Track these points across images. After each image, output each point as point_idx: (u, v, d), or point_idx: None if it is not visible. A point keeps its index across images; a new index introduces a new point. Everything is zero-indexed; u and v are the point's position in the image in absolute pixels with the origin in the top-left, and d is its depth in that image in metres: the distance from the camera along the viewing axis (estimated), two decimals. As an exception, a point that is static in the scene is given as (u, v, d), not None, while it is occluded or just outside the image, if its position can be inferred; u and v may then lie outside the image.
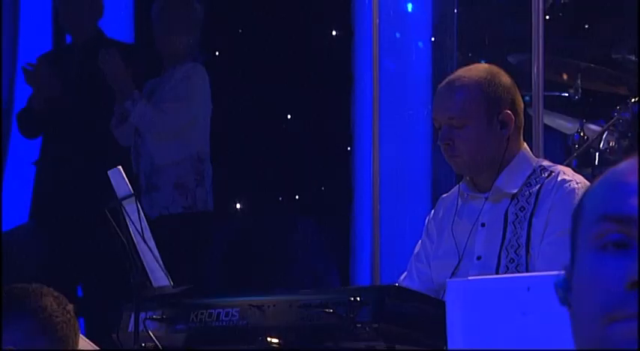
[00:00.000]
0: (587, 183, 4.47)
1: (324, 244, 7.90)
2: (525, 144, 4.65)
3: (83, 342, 4.76)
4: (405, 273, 4.72)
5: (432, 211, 4.84)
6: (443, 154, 4.63)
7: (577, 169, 4.92)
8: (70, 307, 3.84)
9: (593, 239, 1.71)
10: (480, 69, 4.67)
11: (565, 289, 1.79)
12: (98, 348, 4.84)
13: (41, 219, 7.81)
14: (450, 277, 4.26)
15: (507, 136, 4.53)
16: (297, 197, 8.17)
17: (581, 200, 1.78)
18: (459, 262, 4.54)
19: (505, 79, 4.60)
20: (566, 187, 4.43)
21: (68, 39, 8.11)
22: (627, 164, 1.74)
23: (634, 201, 1.69)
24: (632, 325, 1.66)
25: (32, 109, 7.76)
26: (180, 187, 7.18)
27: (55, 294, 3.82)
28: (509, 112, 4.52)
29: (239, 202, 7.95)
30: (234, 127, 7.56)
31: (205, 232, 7.29)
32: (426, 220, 4.79)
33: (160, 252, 4.50)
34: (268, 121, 8.04)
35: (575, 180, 4.47)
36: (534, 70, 5.69)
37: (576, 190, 4.39)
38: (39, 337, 3.74)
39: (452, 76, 4.70)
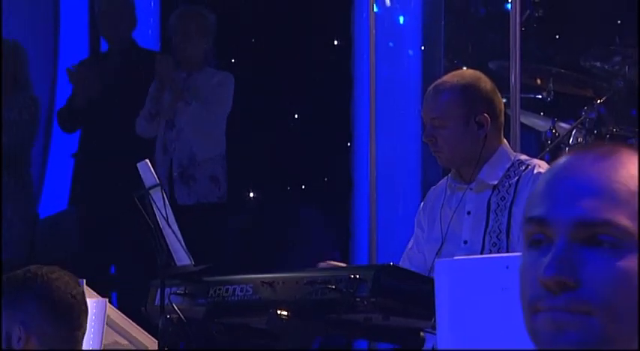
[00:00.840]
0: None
1: (327, 227, 7.92)
2: (505, 140, 4.64)
3: (114, 313, 4.73)
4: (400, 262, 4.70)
5: (422, 203, 4.82)
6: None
7: (550, 163, 4.86)
8: (79, 288, 3.79)
9: (525, 238, 1.71)
10: (463, 75, 4.67)
11: None
12: (128, 319, 4.82)
13: (79, 206, 7.79)
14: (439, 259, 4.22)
15: (484, 135, 4.51)
16: (302, 187, 8.17)
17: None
18: (446, 245, 4.53)
19: (485, 84, 4.58)
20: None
21: (103, 46, 8.07)
22: (562, 161, 1.73)
23: (549, 204, 1.67)
24: (547, 317, 1.65)
25: (72, 108, 7.75)
26: (215, 180, 7.16)
27: (66, 277, 3.76)
28: (485, 114, 4.51)
29: (252, 192, 7.93)
30: (248, 126, 7.53)
31: (223, 219, 7.25)
32: (417, 213, 4.78)
33: (197, 235, 4.50)
34: (277, 120, 8.05)
35: None
36: (512, 75, 5.69)
37: None
38: (44, 317, 3.69)
39: (438, 81, 4.69)
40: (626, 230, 1.63)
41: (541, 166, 4.50)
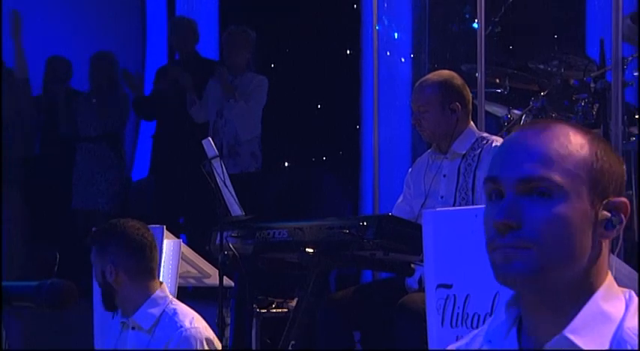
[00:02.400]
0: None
1: (341, 188, 7.90)
2: (472, 122, 4.63)
3: (186, 249, 4.75)
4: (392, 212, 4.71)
5: (410, 168, 4.80)
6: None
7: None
8: (149, 232, 3.78)
9: (485, 193, 1.69)
10: (441, 74, 4.64)
11: None
12: (197, 254, 4.84)
13: (156, 173, 7.81)
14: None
15: (456, 119, 4.50)
16: (324, 158, 8.17)
17: None
18: (428, 199, 4.52)
19: (457, 81, 4.58)
20: None
21: (176, 56, 8.08)
22: (510, 136, 1.71)
23: (501, 167, 1.66)
24: (500, 253, 1.62)
25: (151, 101, 7.76)
26: (253, 155, 7.15)
27: (137, 225, 3.77)
28: (457, 103, 4.50)
29: (287, 162, 7.93)
30: (281, 114, 7.53)
31: (260, 183, 7.26)
32: (406, 176, 4.75)
33: (238, 194, 4.51)
34: (304, 110, 8.04)
35: None
36: (478, 75, 5.67)
37: None
38: (126, 255, 3.70)
39: (422, 79, 4.69)
40: (557, 184, 1.62)
41: (498, 141, 4.49)
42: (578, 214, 1.62)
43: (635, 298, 1.65)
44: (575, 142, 1.65)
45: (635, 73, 6.19)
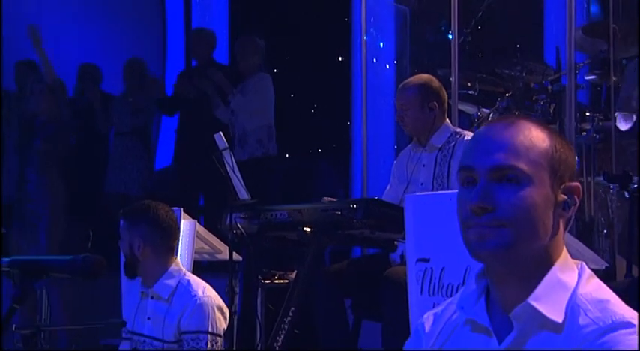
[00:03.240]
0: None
1: (335, 175, 7.90)
2: (447, 119, 4.60)
3: (201, 229, 4.73)
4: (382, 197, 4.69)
5: (395, 160, 4.77)
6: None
7: (476, 134, 4.84)
8: (174, 215, 3.80)
9: (460, 180, 1.69)
10: (421, 77, 4.61)
11: None
12: (210, 233, 4.82)
13: (179, 162, 7.80)
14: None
15: (434, 116, 4.47)
16: (319, 150, 8.16)
17: None
18: (410, 186, 4.51)
19: (435, 83, 4.55)
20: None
21: (194, 62, 8.05)
22: (480, 130, 1.72)
23: (474, 157, 1.67)
24: (475, 231, 1.63)
25: (173, 100, 7.73)
26: (260, 142, 7.10)
27: (166, 208, 3.77)
28: (435, 102, 4.47)
29: (287, 153, 7.91)
30: (286, 111, 7.50)
31: (270, 167, 7.24)
32: (392, 167, 4.73)
33: (245, 178, 4.49)
34: (304, 108, 8.03)
35: None
36: (452, 78, 5.65)
37: None
38: (154, 232, 3.69)
39: (405, 81, 4.66)
40: (523, 172, 1.63)
41: (469, 135, 4.46)
42: (542, 197, 1.63)
43: (587, 269, 1.67)
44: (537, 136, 1.66)
45: (586, 77, 6.19)
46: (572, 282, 1.64)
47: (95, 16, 8.71)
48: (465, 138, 4.44)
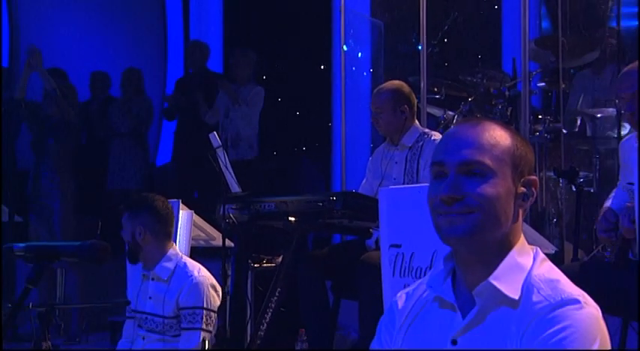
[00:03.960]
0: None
1: (317, 171, 7.88)
2: (417, 121, 4.58)
3: (197, 218, 4.70)
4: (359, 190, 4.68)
5: (370, 158, 4.75)
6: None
7: (442, 134, 4.82)
8: (170, 205, 3.78)
9: (431, 174, 1.70)
10: (393, 83, 4.59)
11: None
12: (205, 222, 4.79)
13: (177, 159, 7.76)
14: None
15: (405, 118, 4.44)
16: (303, 148, 8.14)
17: None
18: (384, 180, 4.48)
19: (406, 89, 4.52)
20: (436, 142, 4.35)
21: (191, 70, 8.01)
22: (450, 129, 1.74)
23: (444, 153, 1.68)
24: (445, 219, 1.64)
25: (171, 106, 7.71)
26: (250, 146, 7.07)
27: (162, 199, 3.76)
28: (406, 106, 4.44)
29: (275, 151, 7.88)
30: (273, 114, 7.48)
31: (256, 166, 7.22)
32: (367, 164, 4.70)
33: (239, 175, 4.47)
34: (289, 112, 8.01)
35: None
36: (422, 84, 5.65)
37: None
38: (154, 220, 3.67)
39: (379, 87, 4.62)
40: (488, 166, 1.64)
41: (436, 135, 4.45)
42: (504, 188, 1.64)
43: (541, 253, 1.69)
44: (500, 135, 1.68)
45: (539, 84, 6.21)
46: (527, 264, 1.65)
47: (105, 30, 8.67)
48: (432, 138, 4.42)
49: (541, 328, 1.55)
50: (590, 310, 1.57)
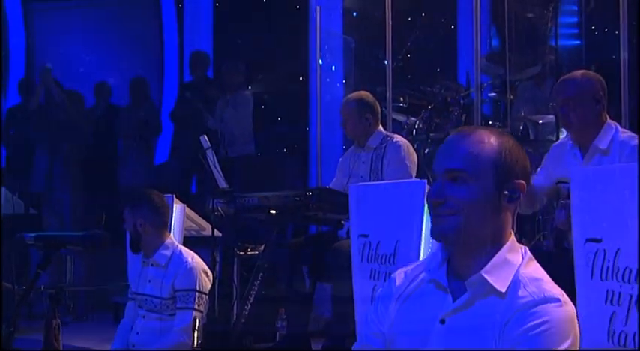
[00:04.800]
0: (408, 143, 4.43)
1: (296, 169, 7.86)
2: (381, 126, 4.54)
3: (190, 211, 4.66)
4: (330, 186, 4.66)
5: (341, 158, 4.72)
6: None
7: (404, 137, 4.82)
8: (165, 199, 3.76)
9: (430, 179, 1.71)
10: (360, 93, 4.55)
11: None
12: (197, 214, 4.75)
13: (175, 158, 7.70)
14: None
15: (369, 124, 4.41)
16: (284, 150, 8.11)
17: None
18: (352, 178, 4.46)
19: (370, 98, 4.48)
20: (397, 144, 4.35)
21: (187, 78, 7.93)
22: (448, 138, 1.70)
23: (435, 162, 1.68)
24: (434, 218, 1.67)
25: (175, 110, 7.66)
26: (246, 143, 7.00)
27: (158, 193, 3.74)
28: (369, 114, 4.41)
29: (259, 153, 7.84)
30: (259, 119, 7.42)
31: (250, 163, 7.15)
32: (338, 163, 4.67)
33: (234, 171, 4.44)
34: (273, 117, 7.99)
35: (402, 141, 4.41)
36: (388, 94, 5.64)
37: (402, 146, 4.35)
38: (152, 213, 3.65)
39: (348, 96, 4.61)
40: (469, 174, 1.63)
41: (399, 138, 4.43)
42: (483, 194, 1.63)
43: (528, 252, 1.68)
44: (488, 144, 1.65)
45: (489, 94, 6.23)
46: (516, 261, 1.65)
47: (108, 43, 8.61)
48: (394, 140, 4.40)
49: (523, 319, 1.56)
50: (568, 308, 1.59)
